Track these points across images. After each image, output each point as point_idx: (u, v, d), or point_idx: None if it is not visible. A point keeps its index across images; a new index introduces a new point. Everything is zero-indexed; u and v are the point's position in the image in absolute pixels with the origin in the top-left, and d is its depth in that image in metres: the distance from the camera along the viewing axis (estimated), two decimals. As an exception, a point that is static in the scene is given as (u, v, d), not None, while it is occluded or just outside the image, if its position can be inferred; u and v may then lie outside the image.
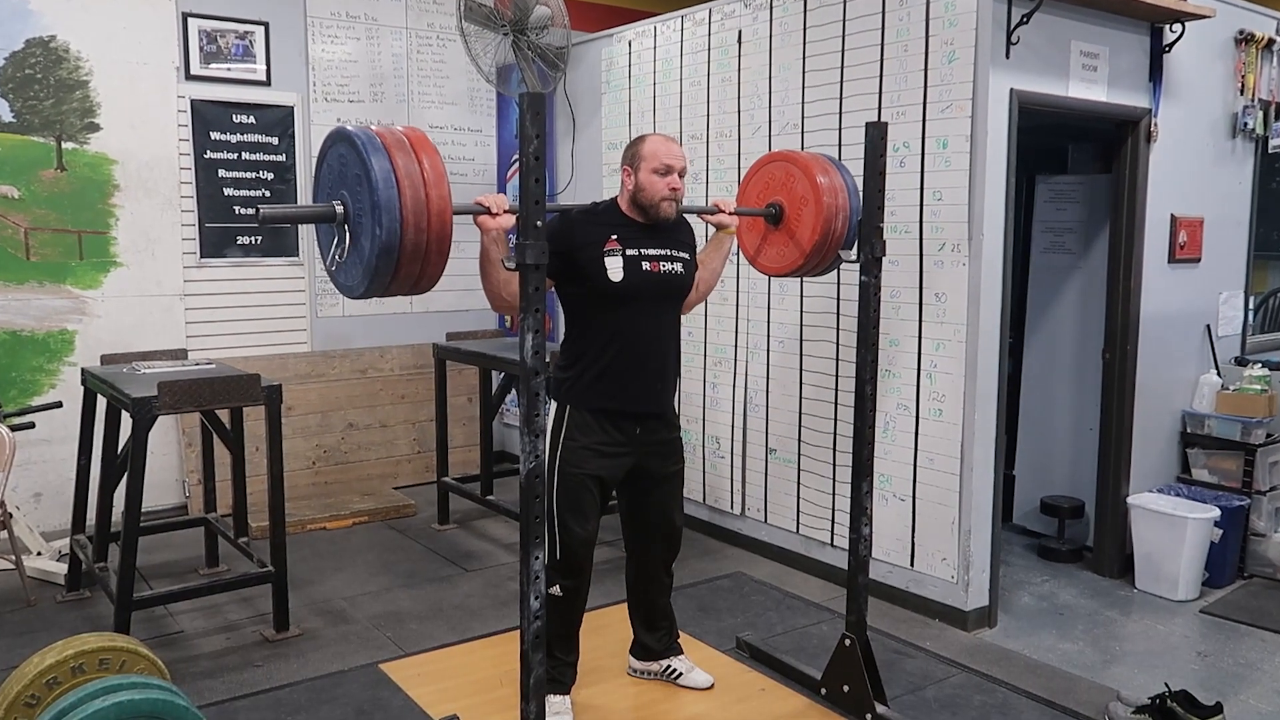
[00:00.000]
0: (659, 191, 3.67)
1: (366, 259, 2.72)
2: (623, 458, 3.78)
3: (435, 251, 2.77)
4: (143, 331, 6.34)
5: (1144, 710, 3.85)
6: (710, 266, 4.03)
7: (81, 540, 5.11)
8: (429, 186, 2.72)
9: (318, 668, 4.40)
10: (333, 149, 2.84)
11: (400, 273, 2.75)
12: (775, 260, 4.00)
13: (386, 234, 2.66)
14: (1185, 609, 5.17)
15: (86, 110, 6.14)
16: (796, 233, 3.86)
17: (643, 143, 3.74)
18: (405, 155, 2.71)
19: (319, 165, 2.92)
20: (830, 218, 3.76)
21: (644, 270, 3.67)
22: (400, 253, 2.69)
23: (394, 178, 2.68)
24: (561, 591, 3.71)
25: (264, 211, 2.77)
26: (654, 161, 3.67)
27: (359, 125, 2.79)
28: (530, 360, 2.84)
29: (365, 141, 2.70)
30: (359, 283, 2.79)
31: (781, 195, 3.91)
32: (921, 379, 4.88)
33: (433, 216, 2.73)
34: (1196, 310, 5.83)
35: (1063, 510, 5.86)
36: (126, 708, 2.89)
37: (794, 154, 3.95)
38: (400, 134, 2.77)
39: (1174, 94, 5.38)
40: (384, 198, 2.65)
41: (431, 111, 7.50)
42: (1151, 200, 5.36)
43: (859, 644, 3.90)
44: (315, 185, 2.96)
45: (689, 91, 6.09)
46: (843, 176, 3.86)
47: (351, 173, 2.75)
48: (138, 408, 4.29)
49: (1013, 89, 4.63)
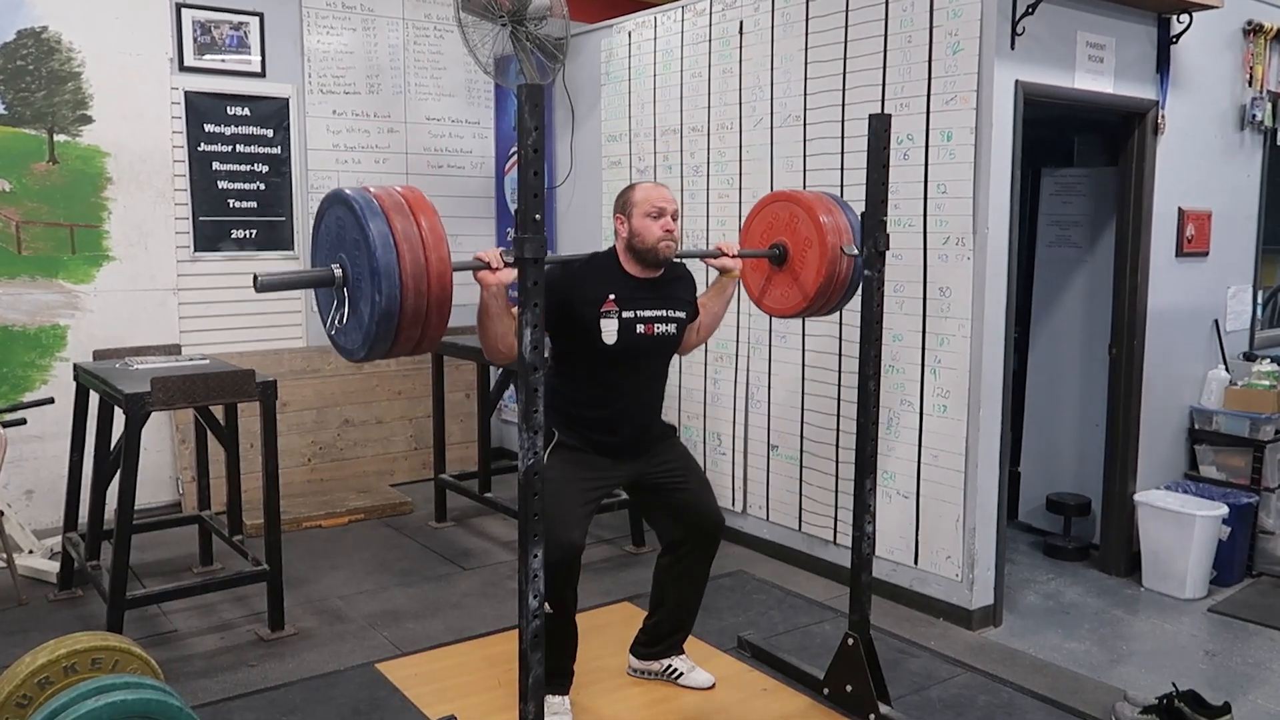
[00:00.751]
0: (654, 235, 3.72)
1: (366, 325, 2.73)
2: (612, 473, 3.87)
3: (436, 315, 2.78)
4: (136, 326, 6.33)
5: (1151, 710, 3.84)
6: (712, 310, 4.09)
7: (74, 538, 5.11)
8: (428, 250, 2.72)
9: (313, 667, 4.40)
10: (330, 211, 2.85)
11: (400, 337, 2.76)
12: (780, 302, 4.06)
13: (386, 300, 2.67)
14: (1193, 608, 5.16)
15: (79, 102, 6.13)
16: (800, 275, 3.91)
17: (633, 190, 3.80)
18: (404, 218, 2.71)
19: (316, 226, 2.93)
20: (834, 259, 3.81)
21: (637, 333, 3.74)
22: (400, 318, 2.71)
23: (393, 242, 2.68)
24: (551, 608, 3.66)
25: (261, 280, 2.78)
26: (646, 206, 3.72)
27: (356, 188, 2.80)
28: (529, 356, 2.83)
29: (363, 206, 2.70)
30: (359, 347, 2.81)
31: (785, 236, 3.96)
32: (925, 374, 4.87)
33: (432, 280, 2.74)
34: (1204, 305, 5.82)
35: (1069, 507, 5.86)
36: (119, 708, 2.88)
37: (797, 194, 3.98)
38: (398, 196, 2.77)
39: (1181, 85, 5.37)
40: (383, 263, 2.65)
41: (428, 103, 7.49)
42: (1159, 193, 5.35)
43: (862, 643, 3.89)
44: (313, 246, 2.97)
45: (690, 83, 6.08)
46: (846, 216, 3.90)
47: (350, 236, 2.75)
48: (131, 404, 4.28)
49: (1018, 80, 4.62)
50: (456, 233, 7.55)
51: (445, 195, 7.54)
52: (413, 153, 7.43)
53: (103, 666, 3.26)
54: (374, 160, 7.25)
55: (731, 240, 4.22)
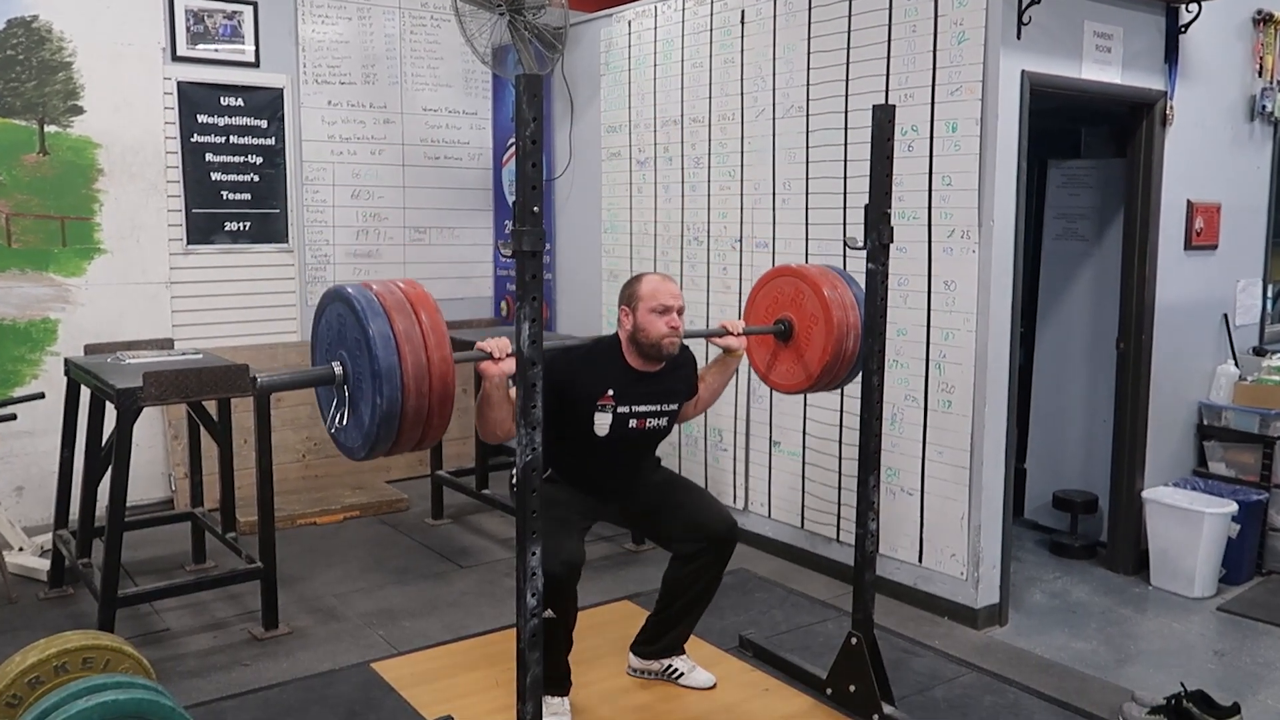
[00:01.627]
0: (659, 331, 3.75)
1: (367, 428, 2.76)
2: (601, 506, 3.98)
3: (438, 415, 2.82)
4: (128, 320, 6.31)
5: (1159, 711, 3.84)
6: (712, 387, 4.15)
7: (64, 535, 5.10)
8: (430, 350, 2.75)
9: (308, 667, 4.39)
10: (331, 307, 2.87)
11: (402, 439, 2.80)
12: (785, 378, 4.12)
13: (387, 404, 2.70)
14: (1202, 606, 5.16)
15: (70, 93, 6.12)
16: (806, 353, 3.97)
17: (639, 282, 3.82)
18: (405, 317, 2.74)
19: (316, 321, 2.95)
20: (841, 337, 3.86)
21: (629, 427, 3.84)
22: (402, 420, 2.75)
23: (394, 344, 2.70)
24: (554, 613, 3.67)
25: (262, 381, 2.82)
26: (651, 301, 3.75)
27: (357, 285, 2.82)
28: (527, 350, 2.83)
29: (364, 305, 2.72)
30: (359, 447, 2.84)
31: (791, 311, 4.00)
32: (930, 369, 4.87)
33: (435, 381, 2.77)
34: (1213, 299, 5.81)
35: (1076, 505, 5.85)
36: (111, 708, 2.88)
37: (803, 270, 4.02)
38: (400, 294, 2.79)
39: (1190, 76, 5.36)
40: (384, 365, 2.68)
41: (425, 94, 7.48)
42: (1167, 185, 5.34)
43: (866, 643, 3.89)
44: (313, 341, 2.99)
45: (690, 73, 6.07)
46: (851, 289, 3.94)
47: (351, 335, 2.77)
48: (122, 399, 4.28)
49: (1024, 71, 4.61)
50: (453, 225, 7.62)
51: (442, 187, 7.53)
52: (409, 144, 7.42)
53: (94, 666, 3.25)
54: (369, 151, 7.24)
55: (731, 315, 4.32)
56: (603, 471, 3.90)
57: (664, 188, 6.33)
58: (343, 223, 7.19)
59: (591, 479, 3.91)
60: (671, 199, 6.27)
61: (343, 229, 7.19)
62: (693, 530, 3.94)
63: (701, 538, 3.93)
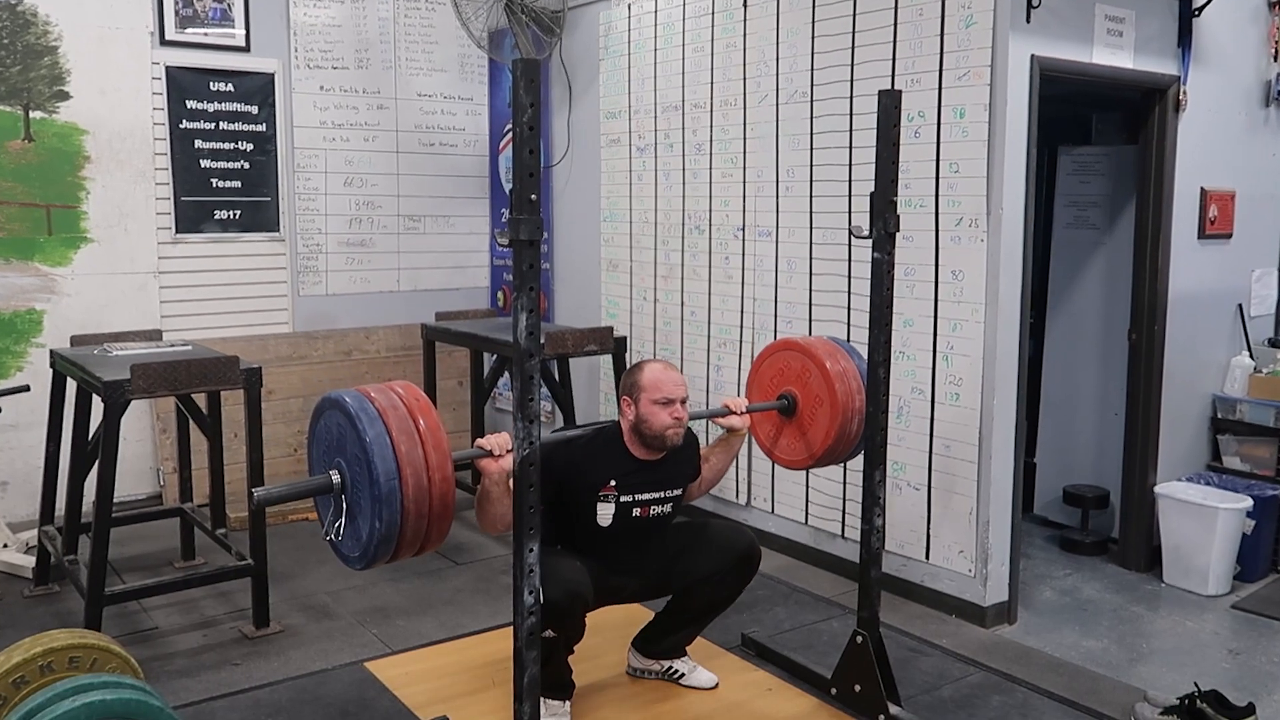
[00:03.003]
0: (663, 423, 3.74)
1: (364, 545, 2.81)
2: (618, 590, 3.94)
3: (436, 531, 2.87)
4: (115, 311, 6.31)
5: (1172, 711, 3.84)
6: (717, 467, 4.16)
7: (50, 531, 5.09)
8: (432, 470, 2.78)
9: (300, 666, 4.39)
10: (329, 414, 2.89)
11: (400, 554, 2.87)
12: (789, 453, 4.17)
13: (386, 527, 2.75)
14: (1216, 604, 5.16)
15: (55, 78, 6.10)
16: (809, 432, 4.04)
17: (641, 372, 3.79)
18: (407, 437, 2.78)
19: (314, 424, 2.98)
20: (846, 421, 3.92)
21: (633, 516, 3.83)
22: (400, 540, 2.81)
23: (395, 467, 2.73)
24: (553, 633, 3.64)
25: (258, 495, 2.85)
26: (654, 393, 3.73)
27: (355, 394, 2.84)
28: (524, 342, 2.82)
29: (365, 423, 2.76)
30: (356, 559, 2.90)
31: (795, 387, 4.06)
32: (937, 361, 4.86)
33: (435, 501, 2.80)
34: (1228, 289, 5.80)
35: (1086, 500, 5.85)
36: (98, 708, 2.87)
37: (808, 345, 4.05)
38: (401, 406, 2.84)
39: (1204, 61, 5.35)
40: (385, 490, 2.72)
41: (420, 79, 7.46)
42: (1180, 173, 5.33)
43: (871, 641, 3.88)
44: (310, 441, 3.02)
45: (692, 58, 6.06)
46: (854, 361, 4.00)
47: (350, 449, 2.79)
48: (110, 391, 4.27)
49: (1033, 55, 4.60)
50: (448, 213, 7.60)
51: (437, 175, 7.52)
52: (403, 130, 7.40)
53: (80, 665, 3.24)
54: (362, 138, 7.23)
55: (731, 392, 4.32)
56: (611, 557, 3.82)
57: (665, 175, 6.31)
58: (335, 211, 7.17)
59: (602, 560, 3.79)
60: (672, 187, 6.25)
61: (335, 217, 7.18)
62: (716, 558, 3.95)
63: (727, 562, 3.95)
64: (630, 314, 6.63)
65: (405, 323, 7.36)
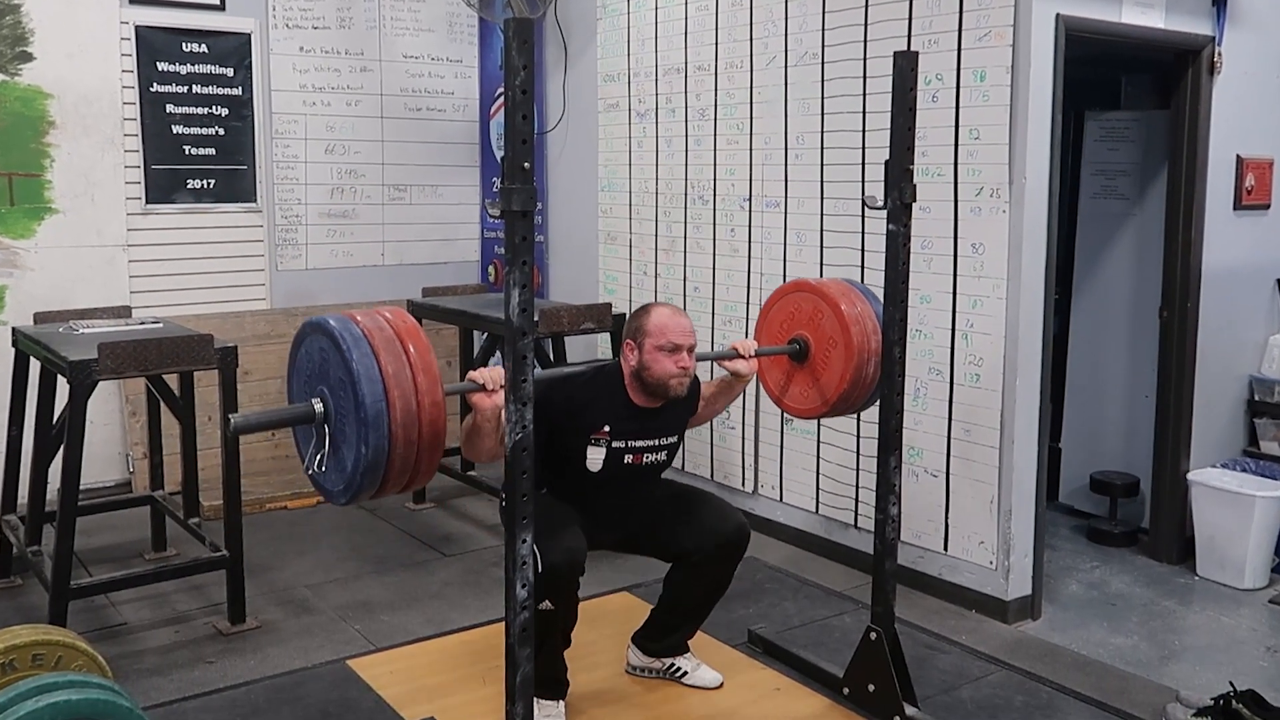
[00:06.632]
0: (666, 371, 3.71)
1: (349, 475, 2.78)
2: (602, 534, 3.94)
3: (426, 462, 2.84)
4: (81, 286, 6.28)
5: (1206, 712, 3.84)
6: (714, 407, 4.18)
7: (13, 521, 5.10)
8: (421, 394, 2.77)
9: (278, 664, 4.40)
10: (310, 339, 2.87)
11: (387, 486, 2.84)
12: (799, 401, 4.12)
13: (373, 452, 2.72)
14: (1252, 598, 5.16)
15: (18, 38, 6.07)
16: (822, 377, 3.97)
17: (647, 315, 3.76)
18: (394, 357, 2.76)
19: (294, 351, 2.96)
20: (862, 363, 3.86)
21: (624, 463, 3.81)
22: (388, 469, 2.77)
23: (382, 387, 2.71)
24: (552, 605, 3.65)
25: (236, 422, 2.83)
26: (660, 338, 3.70)
27: (340, 318, 2.82)
28: (517, 319, 2.81)
29: (349, 342, 2.74)
30: (340, 493, 2.86)
31: (807, 330, 3.99)
32: (956, 340, 4.85)
33: (424, 427, 2.78)
34: (1265, 263, 5.79)
35: (1115, 488, 5.85)
36: (63, 709, 2.87)
37: (821, 286, 4.00)
38: (387, 328, 2.81)
39: (1240, 21, 5.32)
40: (371, 412, 2.69)
41: (405, 39, 7.43)
42: (1214, 140, 5.31)
43: (886, 638, 3.88)
44: (290, 371, 3.00)
45: (695, 17, 6.03)
46: (871, 306, 3.93)
47: (334, 373, 2.77)
48: (75, 372, 4.25)
49: (1059, 14, 4.59)
50: (436, 183, 7.58)
51: (424, 141, 7.50)
52: (388, 94, 7.37)
53: (44, 663, 3.25)
54: (345, 103, 7.20)
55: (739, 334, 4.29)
56: (599, 505, 3.85)
57: (666, 142, 6.29)
58: (316, 180, 7.15)
59: (587, 511, 3.83)
60: (674, 154, 6.24)
61: (316, 187, 7.16)
62: (697, 537, 3.93)
63: (709, 544, 3.93)
64: (629, 289, 6.62)
65: (390, 298, 7.32)
